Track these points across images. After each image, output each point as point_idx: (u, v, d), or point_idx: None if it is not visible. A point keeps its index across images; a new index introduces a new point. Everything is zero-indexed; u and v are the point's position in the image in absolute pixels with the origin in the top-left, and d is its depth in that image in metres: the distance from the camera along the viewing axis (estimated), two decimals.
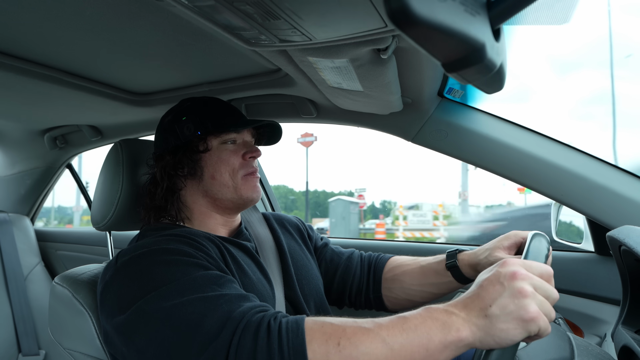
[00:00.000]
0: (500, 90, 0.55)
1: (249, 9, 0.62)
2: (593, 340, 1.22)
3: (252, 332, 0.67)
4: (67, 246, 2.30)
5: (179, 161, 1.03)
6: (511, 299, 0.60)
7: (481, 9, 0.39)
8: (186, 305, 0.72)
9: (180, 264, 0.80)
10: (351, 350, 0.63)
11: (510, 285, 0.61)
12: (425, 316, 0.65)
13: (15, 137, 2.01)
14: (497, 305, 0.61)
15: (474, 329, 0.61)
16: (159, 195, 1.03)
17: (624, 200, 1.10)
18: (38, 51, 1.05)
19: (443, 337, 0.62)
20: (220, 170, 1.02)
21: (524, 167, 1.18)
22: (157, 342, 0.72)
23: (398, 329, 0.64)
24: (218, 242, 0.96)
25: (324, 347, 0.64)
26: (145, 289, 0.76)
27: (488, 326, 0.61)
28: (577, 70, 78.80)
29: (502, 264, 0.65)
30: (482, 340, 0.61)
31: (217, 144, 1.03)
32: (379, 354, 0.63)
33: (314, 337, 0.66)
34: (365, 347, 0.63)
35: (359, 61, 0.85)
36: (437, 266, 1.11)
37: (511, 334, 0.60)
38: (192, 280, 0.77)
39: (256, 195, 1.05)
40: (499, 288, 0.62)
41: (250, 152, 1.04)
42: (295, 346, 0.65)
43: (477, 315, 0.62)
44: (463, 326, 0.62)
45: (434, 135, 1.27)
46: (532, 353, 0.73)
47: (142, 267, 0.80)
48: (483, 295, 0.63)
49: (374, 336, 0.64)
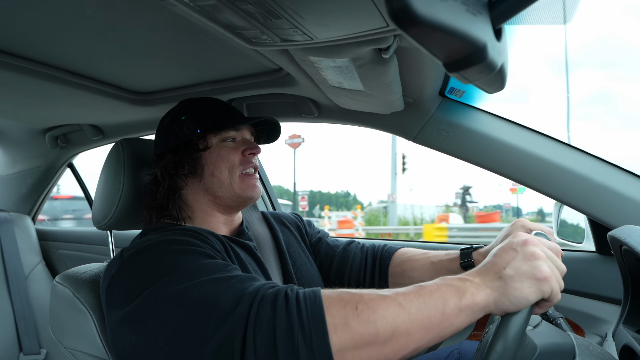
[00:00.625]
0: (501, 90, 0.55)
1: (251, 8, 0.62)
2: (594, 339, 1.22)
3: (270, 302, 0.67)
4: (68, 245, 2.30)
5: (180, 160, 1.03)
6: (524, 261, 0.64)
7: (483, 9, 0.39)
8: (198, 287, 0.71)
9: (188, 252, 0.80)
10: (369, 314, 0.64)
11: (523, 249, 0.65)
12: (441, 284, 0.67)
13: (16, 136, 2.01)
14: (510, 267, 0.64)
15: (489, 292, 0.64)
16: (160, 195, 1.03)
17: (625, 199, 1.10)
18: (39, 50, 1.05)
19: (458, 301, 0.64)
20: (220, 167, 1.02)
21: (525, 166, 1.18)
22: (170, 325, 0.70)
23: (414, 295, 0.65)
24: (222, 238, 0.97)
25: (342, 311, 0.64)
26: (155, 277, 0.75)
27: (503, 287, 0.64)
28: (575, 70, 78.71)
29: (514, 236, 0.69)
30: (497, 301, 0.64)
31: (216, 142, 1.04)
32: (396, 317, 0.64)
33: (331, 303, 0.66)
34: (382, 311, 0.64)
35: (361, 61, 0.85)
36: (449, 264, 1.09)
37: (525, 292, 0.62)
38: (201, 267, 0.76)
39: (255, 194, 1.05)
40: (512, 253, 0.66)
41: (249, 149, 1.05)
42: (314, 312, 0.65)
43: (491, 278, 0.65)
44: (477, 290, 0.64)
45: (435, 134, 1.27)
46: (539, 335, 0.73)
47: (150, 257, 0.80)
48: (496, 261, 0.66)
49: (391, 301, 0.65)
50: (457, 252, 1.09)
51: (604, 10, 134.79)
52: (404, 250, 1.21)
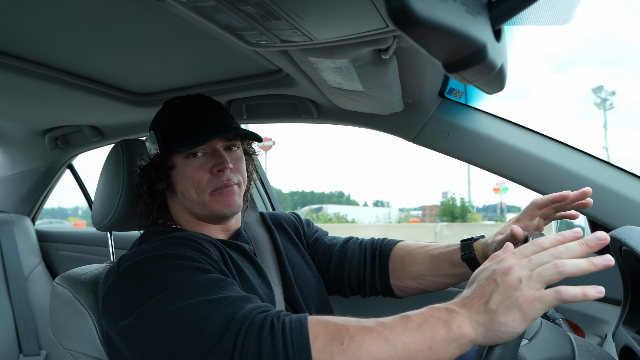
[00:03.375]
0: (501, 91, 0.55)
1: (250, 9, 0.62)
2: (594, 340, 1.22)
3: (256, 333, 0.67)
4: (68, 246, 2.30)
5: (154, 176, 1.00)
6: (506, 292, 0.61)
7: (482, 10, 0.39)
8: (189, 309, 0.72)
9: (182, 268, 0.80)
10: (355, 349, 0.63)
11: (503, 280, 0.62)
12: (428, 315, 0.65)
13: (16, 138, 2.01)
14: (493, 302, 0.61)
15: (475, 325, 0.62)
16: (141, 208, 1.04)
17: (624, 200, 1.10)
18: (39, 51, 1.05)
19: (445, 334, 0.62)
20: (187, 188, 0.97)
21: (524, 167, 1.18)
22: (161, 346, 0.72)
23: (401, 328, 0.64)
24: (219, 244, 0.96)
25: (328, 346, 0.64)
26: (148, 294, 0.76)
27: (488, 322, 0.61)
28: (573, 68, 78.98)
29: (499, 261, 0.65)
30: (485, 335, 0.61)
31: (181, 160, 0.98)
32: (382, 352, 0.63)
33: (317, 336, 0.66)
34: (368, 346, 0.63)
35: (360, 61, 0.85)
36: (450, 256, 1.07)
37: (511, 325, 0.60)
38: (194, 284, 0.76)
39: (228, 210, 0.98)
40: (493, 285, 0.63)
41: (216, 165, 0.97)
42: (299, 345, 0.65)
43: (476, 311, 0.63)
44: (464, 322, 0.62)
45: (434, 135, 1.27)
46: (535, 350, 0.73)
47: (144, 272, 0.81)
48: (480, 293, 0.63)
49: (377, 335, 0.64)
50: (457, 243, 1.08)
51: (599, 6, 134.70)
52: (404, 244, 1.19)
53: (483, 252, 1.03)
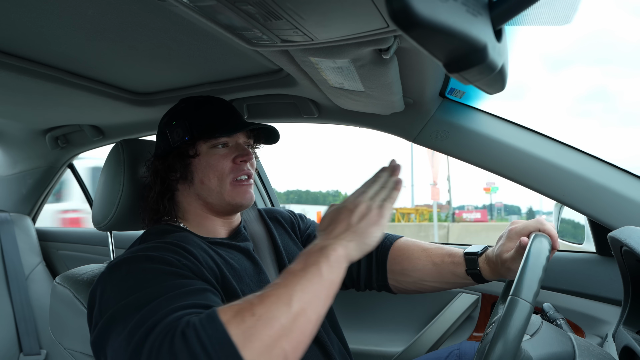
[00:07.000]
0: (502, 91, 0.55)
1: (251, 9, 0.62)
2: (594, 340, 1.22)
3: (167, 348, 0.63)
4: (69, 246, 2.30)
5: (170, 165, 1.02)
6: (360, 214, 0.79)
7: (483, 10, 0.39)
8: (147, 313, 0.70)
9: (157, 272, 0.79)
10: (266, 312, 0.65)
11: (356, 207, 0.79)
12: (305, 259, 0.73)
13: (16, 137, 2.01)
14: (353, 222, 0.78)
15: (345, 244, 0.75)
16: (151, 199, 1.03)
17: (625, 200, 1.10)
18: (40, 51, 1.05)
19: (327, 263, 0.71)
20: (209, 176, 1.00)
21: (525, 167, 1.18)
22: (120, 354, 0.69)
23: (292, 275, 0.70)
24: (212, 251, 0.95)
25: (242, 324, 0.63)
26: (119, 297, 0.75)
27: (356, 237, 0.76)
28: (569, 66, 78.99)
29: (345, 201, 0.83)
30: (356, 248, 0.76)
31: (206, 149, 1.02)
32: (289, 301, 0.66)
33: (230, 320, 0.64)
34: (276, 305, 0.65)
35: (361, 61, 0.85)
36: (454, 268, 1.08)
37: (373, 234, 0.77)
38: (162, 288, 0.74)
39: (245, 201, 1.02)
40: (349, 212, 0.79)
41: (241, 156, 1.02)
42: (217, 336, 0.62)
43: (343, 236, 0.76)
44: (338, 246, 0.74)
45: (435, 135, 1.27)
46: (537, 345, 0.73)
47: (122, 274, 0.80)
48: (339, 222, 0.79)
49: (282, 289, 0.68)
50: (460, 255, 1.08)
51: (595, 5, 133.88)
52: (403, 244, 1.18)
53: (489, 267, 1.04)
